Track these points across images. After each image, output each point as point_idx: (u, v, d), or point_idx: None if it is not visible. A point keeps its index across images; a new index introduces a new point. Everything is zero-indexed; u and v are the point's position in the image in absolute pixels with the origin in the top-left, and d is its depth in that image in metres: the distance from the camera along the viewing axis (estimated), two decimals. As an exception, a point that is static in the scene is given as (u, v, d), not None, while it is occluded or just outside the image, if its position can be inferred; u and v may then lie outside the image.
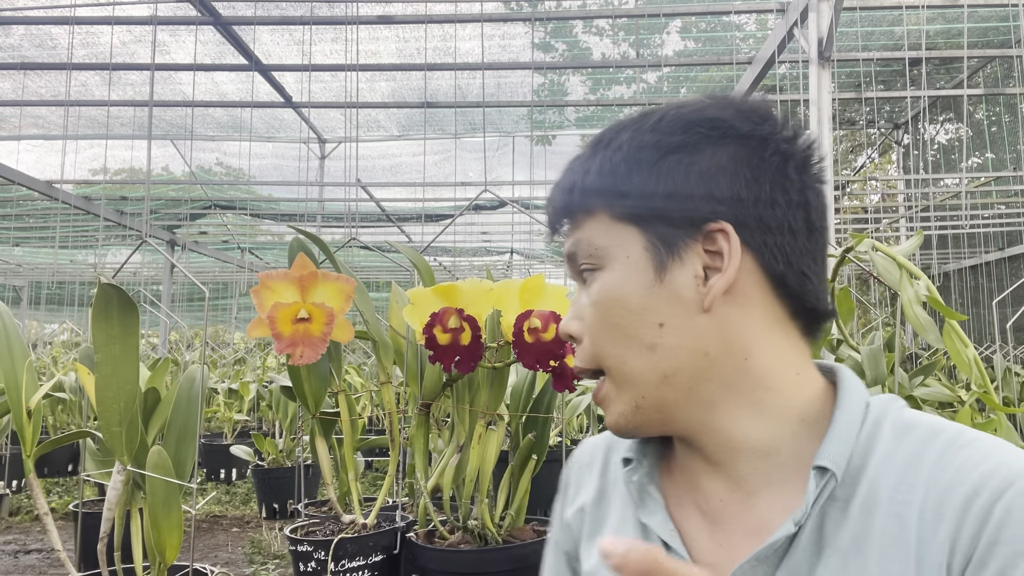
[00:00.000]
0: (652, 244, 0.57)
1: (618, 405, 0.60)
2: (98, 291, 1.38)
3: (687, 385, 0.57)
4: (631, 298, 0.58)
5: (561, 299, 1.27)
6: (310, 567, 1.39)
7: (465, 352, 1.16)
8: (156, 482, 1.37)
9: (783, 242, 0.56)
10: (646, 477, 0.63)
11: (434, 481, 1.28)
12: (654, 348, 0.57)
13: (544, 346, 1.18)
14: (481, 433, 1.28)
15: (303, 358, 1.21)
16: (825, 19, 2.87)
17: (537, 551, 1.36)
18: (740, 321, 0.57)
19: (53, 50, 4.61)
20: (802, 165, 0.58)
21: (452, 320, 1.16)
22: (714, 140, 0.57)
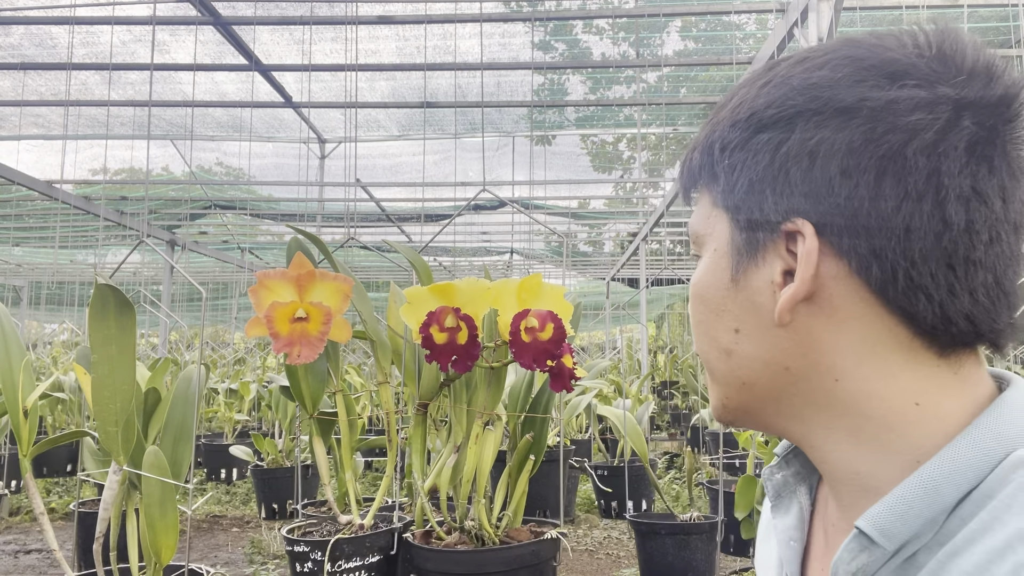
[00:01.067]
0: (735, 239, 0.50)
1: (712, 396, 0.55)
2: (95, 291, 1.38)
3: (770, 396, 0.51)
4: (712, 296, 0.52)
5: (559, 299, 1.25)
6: (307, 567, 1.39)
7: (462, 351, 1.15)
8: (152, 482, 1.36)
9: (892, 248, 0.44)
10: (792, 477, 0.58)
11: (431, 481, 1.27)
12: (731, 354, 0.51)
13: (541, 345, 1.17)
14: (478, 433, 1.27)
15: (300, 357, 1.20)
16: (825, 19, 2.87)
17: (535, 552, 1.35)
18: (827, 337, 0.47)
19: (53, 49, 4.61)
20: (937, 142, 0.44)
21: (449, 319, 1.15)
22: (810, 114, 0.46)
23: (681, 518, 2.94)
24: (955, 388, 0.46)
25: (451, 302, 1.19)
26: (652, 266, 9.08)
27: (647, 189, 10.37)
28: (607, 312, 5.53)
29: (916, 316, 0.45)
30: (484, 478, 1.27)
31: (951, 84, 0.45)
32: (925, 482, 0.43)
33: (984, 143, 0.44)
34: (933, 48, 0.47)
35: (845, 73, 0.46)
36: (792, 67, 0.49)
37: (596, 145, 8.69)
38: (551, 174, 6.92)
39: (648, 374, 7.04)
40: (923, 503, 0.43)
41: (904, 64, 0.46)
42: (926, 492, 0.43)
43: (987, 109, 0.44)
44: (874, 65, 0.46)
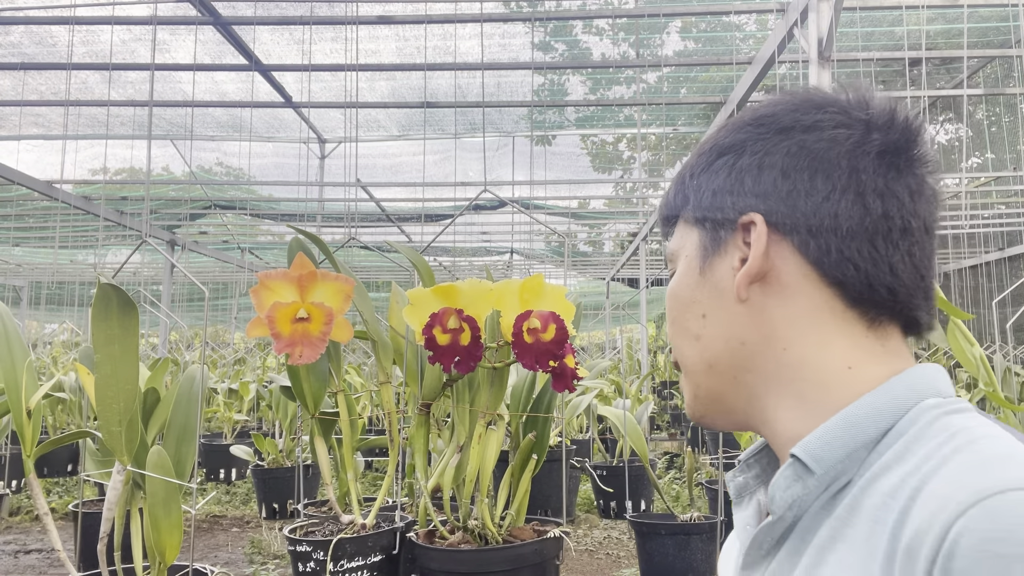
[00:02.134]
0: (703, 241, 0.61)
1: (685, 394, 0.64)
2: (98, 291, 1.38)
3: (731, 375, 0.59)
4: (684, 292, 0.62)
5: (560, 299, 1.26)
6: (309, 567, 1.39)
7: (465, 352, 1.16)
8: (156, 482, 1.36)
9: (825, 228, 0.55)
10: (752, 480, 0.65)
11: (434, 481, 1.27)
12: (699, 338, 0.61)
13: (543, 346, 1.18)
14: (481, 433, 1.27)
15: (302, 358, 1.20)
16: (825, 19, 2.87)
17: (538, 551, 1.35)
18: (777, 311, 0.57)
19: (53, 47, 4.61)
20: (854, 149, 0.56)
21: (451, 321, 1.16)
22: (759, 137, 0.59)
23: (681, 518, 2.94)
24: (882, 358, 0.56)
25: (454, 303, 1.20)
26: (652, 266, 9.08)
27: (647, 189, 10.37)
28: (607, 312, 5.54)
29: (846, 284, 0.55)
30: (487, 477, 1.28)
31: (864, 113, 0.57)
32: (848, 417, 0.53)
33: (891, 153, 0.56)
34: (851, 94, 0.59)
35: (784, 107, 0.59)
36: (745, 113, 0.62)
37: (596, 145, 8.69)
38: (551, 174, 6.92)
39: (648, 374, 7.04)
40: (846, 434, 0.52)
41: (829, 99, 0.59)
42: (849, 425, 0.53)
43: (891, 131, 0.57)
44: (805, 100, 0.59)
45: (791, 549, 0.54)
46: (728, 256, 0.59)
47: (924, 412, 0.51)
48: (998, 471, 0.43)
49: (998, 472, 0.43)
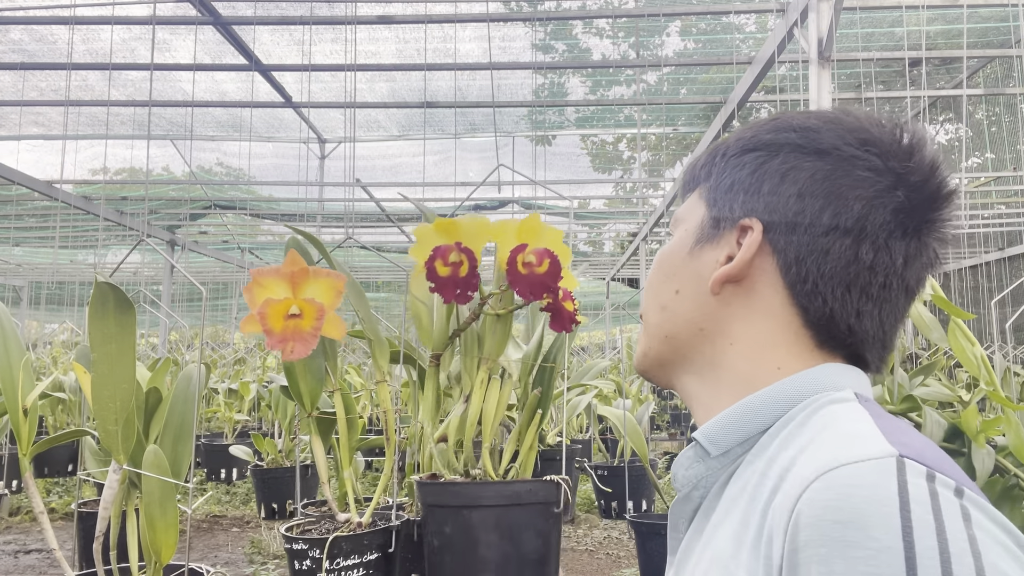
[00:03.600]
0: (704, 223, 0.63)
1: (638, 348, 0.68)
2: (95, 289, 1.38)
3: (681, 352, 0.63)
4: (668, 263, 0.65)
5: (557, 241, 1.30)
6: (305, 565, 1.39)
7: (463, 283, 1.23)
8: (152, 481, 1.36)
9: (809, 259, 0.57)
10: None
11: (441, 431, 1.32)
12: (664, 309, 0.64)
13: (538, 278, 1.23)
14: (483, 379, 1.31)
15: (294, 353, 1.20)
16: (825, 19, 2.87)
17: (532, 490, 1.35)
18: (739, 311, 0.60)
19: (53, 45, 4.60)
20: (878, 203, 0.57)
21: (453, 255, 1.23)
22: (795, 147, 0.59)
23: None
24: (807, 365, 0.58)
25: (454, 238, 1.26)
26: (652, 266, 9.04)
27: (647, 189, 10.36)
28: (607, 312, 5.53)
29: (809, 311, 0.58)
30: (490, 424, 1.32)
31: (902, 165, 0.57)
32: (746, 404, 0.57)
33: (905, 213, 0.57)
34: (903, 138, 0.59)
35: (832, 129, 0.59)
36: (797, 116, 0.62)
37: (596, 145, 8.69)
38: (551, 174, 6.92)
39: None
40: (743, 420, 0.56)
41: (875, 139, 0.58)
42: (746, 411, 0.57)
43: (918, 193, 0.57)
44: (854, 130, 0.59)
45: (696, 528, 0.58)
46: (718, 248, 0.61)
47: (813, 402, 0.54)
48: (839, 449, 0.46)
49: (839, 450, 0.46)
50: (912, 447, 0.46)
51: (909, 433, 0.50)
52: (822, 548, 0.42)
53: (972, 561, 0.40)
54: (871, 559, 0.41)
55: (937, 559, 0.40)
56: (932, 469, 0.45)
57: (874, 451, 0.45)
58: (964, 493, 0.44)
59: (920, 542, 0.41)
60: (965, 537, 0.41)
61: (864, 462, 0.44)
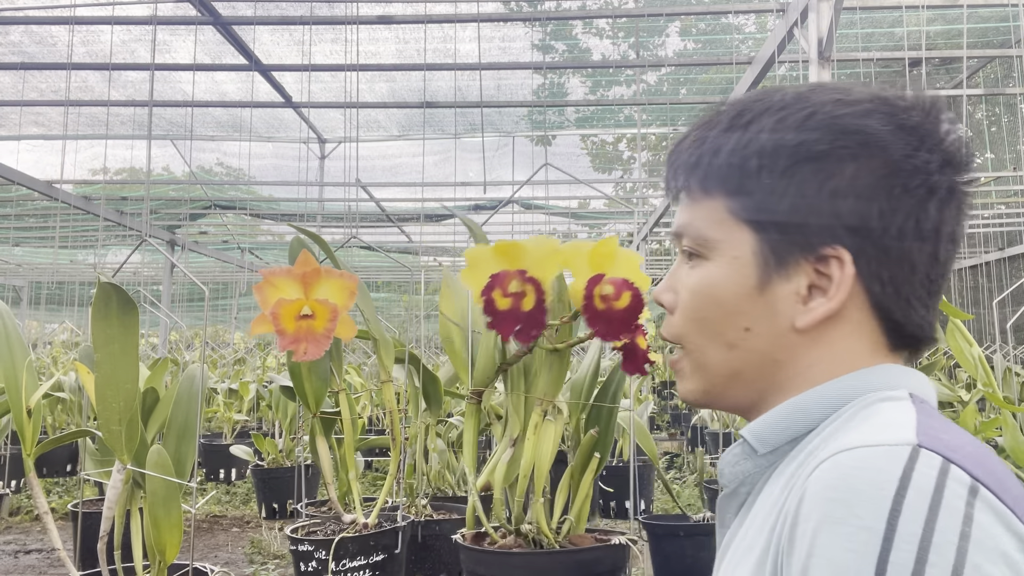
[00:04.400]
0: (762, 251, 0.56)
1: (690, 383, 0.62)
2: (98, 290, 1.38)
3: (751, 384, 0.59)
4: (728, 298, 0.58)
5: (634, 267, 1.13)
6: (311, 567, 1.39)
7: (527, 319, 1.02)
8: (156, 481, 1.36)
9: (899, 275, 0.55)
10: None
11: (484, 478, 1.11)
12: (733, 347, 0.58)
13: (617, 314, 1.05)
14: (538, 423, 1.11)
15: (306, 355, 1.20)
16: (825, 19, 2.87)
17: (600, 559, 1.16)
18: (822, 338, 0.56)
19: (53, 47, 4.60)
20: (946, 199, 0.55)
21: (514, 284, 1.03)
22: (861, 157, 0.54)
23: (695, 519, 2.93)
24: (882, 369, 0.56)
25: (516, 264, 1.06)
26: (652, 266, 9.07)
27: (647, 189, 10.37)
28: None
29: (890, 320, 0.56)
30: (543, 475, 1.12)
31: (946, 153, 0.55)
32: (796, 403, 0.55)
33: (958, 202, 0.56)
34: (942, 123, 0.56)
35: (890, 129, 0.54)
36: (836, 105, 0.55)
37: (596, 145, 8.69)
38: (551, 174, 6.92)
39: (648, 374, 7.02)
40: (792, 418, 0.55)
41: (927, 130, 0.55)
42: (795, 409, 0.55)
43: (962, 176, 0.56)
44: (910, 125, 0.54)
45: (739, 522, 0.58)
46: (793, 280, 0.56)
47: (864, 399, 0.53)
48: (861, 435, 0.46)
49: (860, 436, 0.46)
50: (945, 444, 0.45)
51: (954, 433, 0.48)
52: (811, 522, 0.43)
53: (953, 555, 0.40)
54: (851, 536, 0.41)
55: (915, 545, 0.40)
56: (953, 464, 0.43)
57: (893, 438, 0.45)
58: (979, 493, 0.42)
59: (903, 527, 0.41)
60: (956, 532, 0.40)
61: (877, 447, 0.44)
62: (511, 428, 1.13)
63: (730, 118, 0.59)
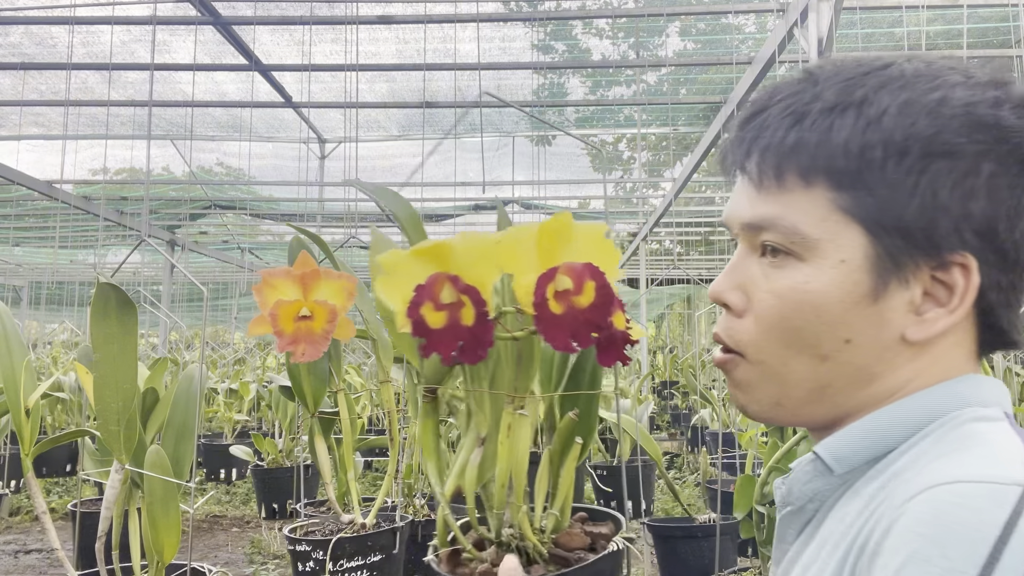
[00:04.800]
0: (879, 256, 0.49)
1: (757, 396, 0.55)
2: (97, 290, 1.38)
3: (832, 396, 0.53)
4: (830, 307, 0.50)
5: (598, 243, 0.86)
6: (308, 567, 1.39)
7: (469, 336, 0.80)
8: (154, 481, 1.36)
9: (1013, 280, 0.50)
10: None
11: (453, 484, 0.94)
12: (825, 360, 0.51)
13: (581, 315, 0.79)
14: (511, 422, 0.90)
15: (304, 356, 1.20)
16: (825, 19, 2.87)
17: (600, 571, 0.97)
18: (931, 350, 0.51)
19: (53, 48, 4.60)
20: None
21: (446, 292, 0.81)
22: (998, 156, 0.48)
23: (699, 520, 2.95)
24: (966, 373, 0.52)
25: (445, 267, 0.84)
26: (652, 266, 9.07)
27: (647, 189, 10.37)
28: (607, 312, 5.53)
29: (998, 329, 0.52)
30: (522, 477, 0.96)
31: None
32: (878, 419, 0.51)
33: None
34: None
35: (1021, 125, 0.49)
36: (966, 90, 0.49)
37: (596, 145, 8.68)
38: (551, 174, 6.92)
39: (648, 374, 7.04)
40: (873, 436, 0.50)
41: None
42: (877, 427, 0.50)
43: None
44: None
45: (804, 540, 0.53)
46: (909, 288, 0.50)
47: (954, 418, 0.49)
48: (964, 467, 0.42)
49: (963, 467, 0.42)
50: None
51: None
52: (897, 556, 0.40)
53: None
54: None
55: None
56: None
57: (1002, 476, 0.41)
58: None
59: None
60: None
61: (981, 483, 0.40)
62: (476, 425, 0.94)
63: (836, 91, 0.51)
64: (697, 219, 9.69)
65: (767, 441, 3.06)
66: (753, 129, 0.53)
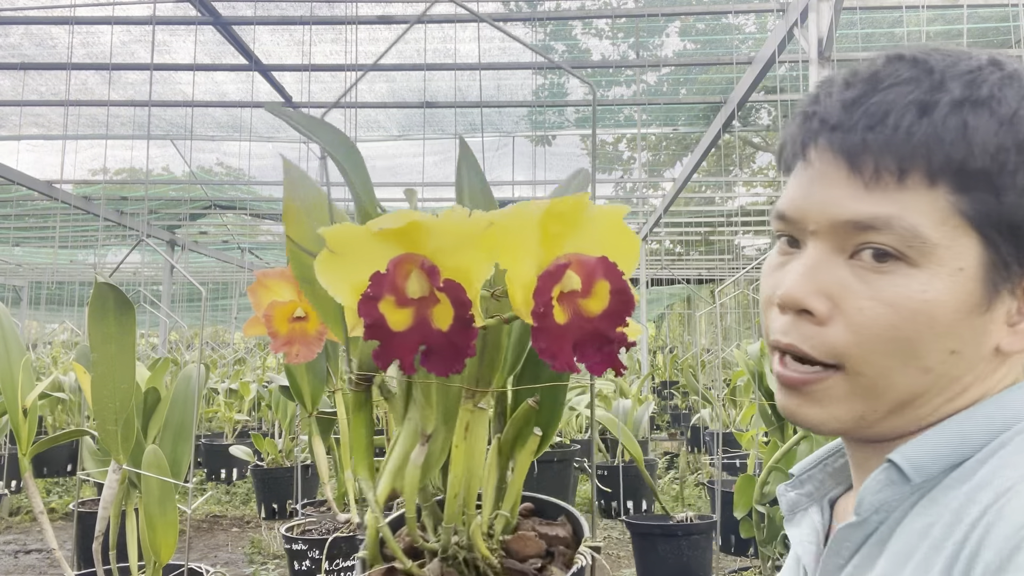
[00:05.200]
0: (993, 264, 0.47)
1: (838, 409, 0.51)
2: (95, 290, 1.38)
3: (921, 408, 0.50)
4: (945, 317, 0.47)
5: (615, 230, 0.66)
6: (305, 565, 1.39)
7: (444, 343, 0.61)
8: (151, 481, 1.36)
9: None
10: (805, 497, 0.62)
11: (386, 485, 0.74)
12: (928, 372, 0.48)
13: (589, 324, 0.62)
14: (468, 422, 0.70)
15: (299, 357, 1.20)
16: (825, 19, 2.87)
17: None
18: (1014, 357, 0.50)
19: (53, 49, 4.61)
20: None
21: (413, 283, 0.61)
22: None
23: (676, 518, 2.97)
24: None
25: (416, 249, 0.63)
26: (652, 266, 9.07)
27: (647, 189, 10.37)
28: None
29: None
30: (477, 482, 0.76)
31: None
32: (960, 427, 0.49)
33: None
34: None
35: None
36: None
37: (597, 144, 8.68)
38: (551, 174, 6.92)
39: (648, 374, 7.04)
40: (955, 443, 0.48)
41: None
42: (958, 433, 0.48)
43: None
44: None
45: (867, 554, 0.50)
46: (1014, 298, 0.49)
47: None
48: None
49: None
50: None
51: None
52: None
53: None
54: None
55: None
56: None
57: None
58: None
59: None
60: None
61: None
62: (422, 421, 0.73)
63: (962, 84, 0.47)
64: (697, 219, 9.69)
65: (767, 441, 3.06)
66: (864, 117, 0.48)
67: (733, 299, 10.26)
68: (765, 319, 0.55)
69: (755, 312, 8.27)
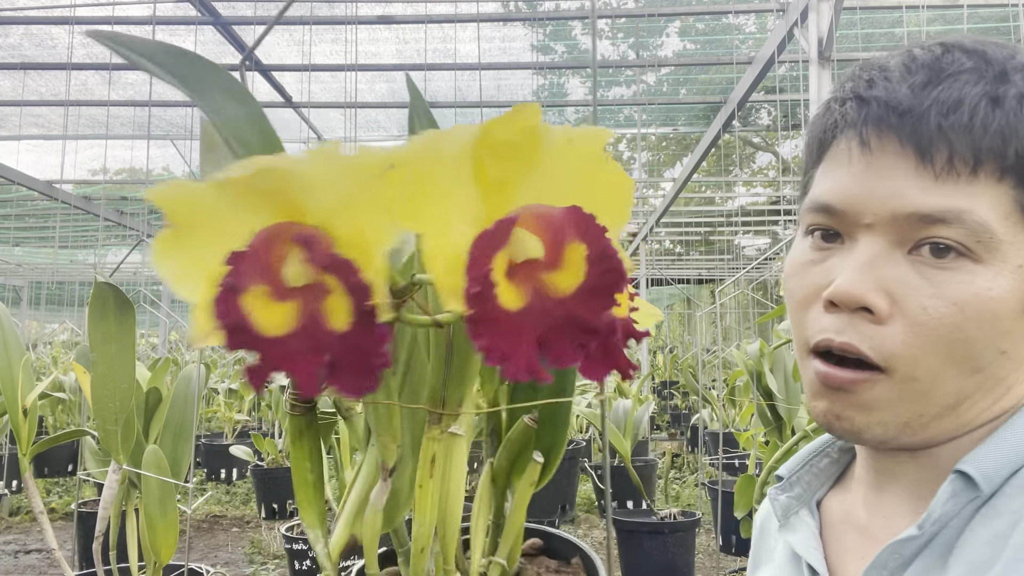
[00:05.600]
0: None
1: (886, 415, 0.48)
2: (94, 290, 1.38)
3: (967, 412, 0.49)
4: (1007, 316, 0.46)
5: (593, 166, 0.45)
6: (305, 565, 1.39)
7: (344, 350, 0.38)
8: (151, 481, 1.36)
9: None
10: (795, 500, 0.61)
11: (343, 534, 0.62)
12: (977, 372, 0.47)
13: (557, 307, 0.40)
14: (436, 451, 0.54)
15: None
16: (825, 19, 2.87)
17: None
18: None
19: (53, 49, 4.61)
20: None
21: (294, 264, 0.38)
22: None
23: (659, 516, 3.02)
24: None
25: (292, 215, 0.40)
26: (652, 266, 9.07)
27: (647, 189, 10.37)
28: (607, 312, 5.53)
29: None
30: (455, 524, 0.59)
31: None
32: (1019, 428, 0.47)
33: None
34: None
35: None
36: None
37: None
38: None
39: (648, 374, 7.04)
40: (1016, 445, 0.47)
41: None
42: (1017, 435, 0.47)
43: None
44: None
45: (925, 565, 0.48)
46: None
47: None
48: None
49: None
50: None
51: None
52: None
53: None
54: None
55: None
56: None
57: None
58: None
59: None
60: None
61: None
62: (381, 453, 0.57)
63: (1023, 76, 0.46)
64: (697, 219, 9.68)
65: (767, 442, 3.06)
66: (936, 104, 0.45)
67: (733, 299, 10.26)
68: (798, 318, 0.51)
69: (755, 312, 8.27)
